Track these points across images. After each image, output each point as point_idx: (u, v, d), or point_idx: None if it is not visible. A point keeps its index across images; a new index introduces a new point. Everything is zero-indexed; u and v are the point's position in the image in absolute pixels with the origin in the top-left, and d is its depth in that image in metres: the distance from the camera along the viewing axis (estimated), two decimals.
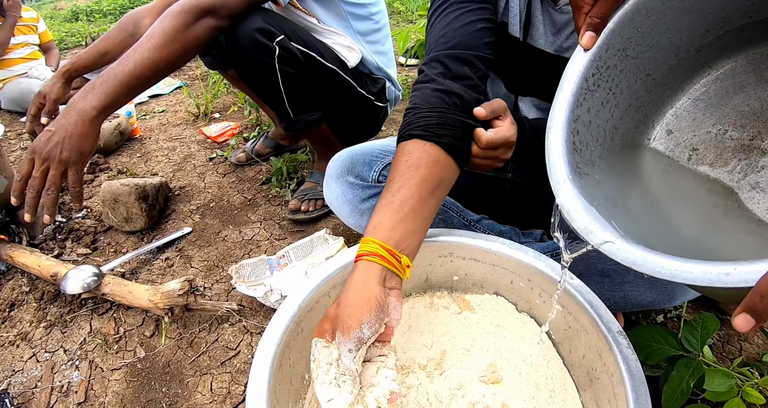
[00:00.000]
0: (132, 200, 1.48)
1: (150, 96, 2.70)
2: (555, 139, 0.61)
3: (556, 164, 0.59)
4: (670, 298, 0.90)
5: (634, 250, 0.48)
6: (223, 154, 1.95)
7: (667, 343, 0.95)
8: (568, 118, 0.61)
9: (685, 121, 0.71)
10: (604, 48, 0.61)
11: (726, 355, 1.11)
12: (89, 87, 1.03)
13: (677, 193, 0.68)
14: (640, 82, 0.67)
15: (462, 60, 0.82)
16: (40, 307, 1.27)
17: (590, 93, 0.63)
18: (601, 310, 0.76)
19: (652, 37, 0.62)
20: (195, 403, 1.03)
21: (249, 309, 1.23)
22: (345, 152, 1.05)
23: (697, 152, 0.71)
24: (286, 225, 1.55)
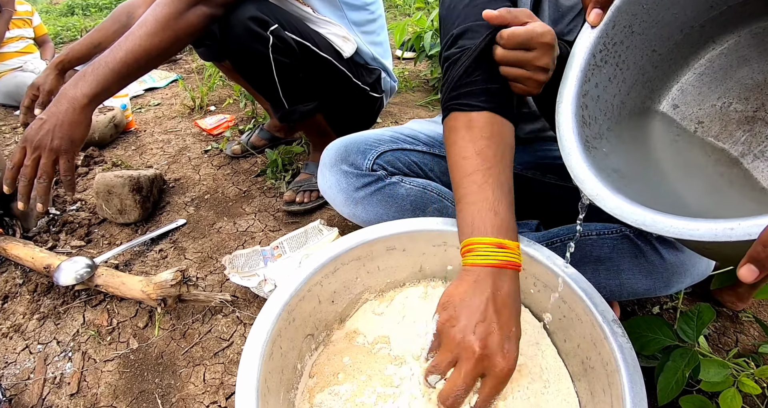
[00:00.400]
0: (126, 192, 1.47)
1: (145, 89, 2.68)
2: (565, 112, 0.63)
3: (566, 136, 0.61)
4: (665, 285, 0.90)
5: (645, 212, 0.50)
6: (218, 147, 1.93)
7: (663, 334, 0.94)
8: (577, 93, 0.63)
9: (691, 95, 0.73)
10: (611, 24, 0.63)
11: (722, 347, 1.11)
12: (80, 75, 1.02)
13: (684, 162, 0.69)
14: (646, 58, 0.68)
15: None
16: (33, 299, 1.26)
17: (598, 68, 0.65)
18: (596, 299, 0.76)
19: (657, 13, 0.64)
20: (187, 393, 1.02)
21: (242, 300, 1.22)
22: (339, 141, 1.04)
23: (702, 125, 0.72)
24: (280, 216, 1.55)
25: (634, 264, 0.89)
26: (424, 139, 1.14)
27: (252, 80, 1.33)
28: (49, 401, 1.03)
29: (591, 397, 0.77)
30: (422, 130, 1.17)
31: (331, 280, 0.84)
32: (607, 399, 0.70)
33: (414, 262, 0.93)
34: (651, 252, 0.88)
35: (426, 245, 0.90)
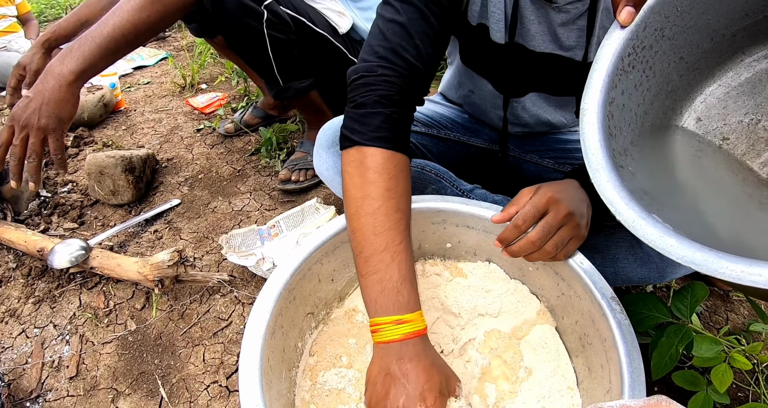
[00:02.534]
0: (118, 172, 1.44)
1: (134, 68, 2.63)
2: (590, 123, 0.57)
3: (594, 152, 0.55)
4: (660, 275, 0.90)
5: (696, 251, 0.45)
6: (210, 125, 1.90)
7: (657, 311, 0.96)
8: (604, 100, 0.57)
9: (715, 108, 0.69)
10: (642, 26, 0.58)
11: (713, 325, 1.13)
12: (67, 51, 0.99)
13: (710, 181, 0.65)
14: (673, 66, 0.64)
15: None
16: (27, 283, 1.25)
17: (625, 74, 0.60)
18: (595, 276, 0.76)
19: (690, 18, 0.59)
20: (188, 374, 1.02)
21: (240, 279, 1.22)
22: (336, 121, 1.03)
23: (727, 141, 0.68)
24: (276, 195, 1.53)
25: (630, 253, 0.89)
26: (422, 119, 1.13)
27: (246, 56, 1.30)
28: (49, 385, 1.03)
29: (588, 373, 0.78)
30: (420, 109, 1.16)
31: (331, 258, 0.84)
32: (605, 374, 0.71)
33: (413, 239, 0.92)
34: None
35: (425, 223, 0.89)
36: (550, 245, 0.72)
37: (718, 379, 0.85)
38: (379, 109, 0.74)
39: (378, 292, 0.68)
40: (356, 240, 0.71)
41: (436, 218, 0.89)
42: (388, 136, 0.74)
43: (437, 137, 1.13)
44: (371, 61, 0.76)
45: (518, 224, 0.72)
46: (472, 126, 1.16)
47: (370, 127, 0.74)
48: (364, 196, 0.71)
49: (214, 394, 0.98)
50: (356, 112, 0.75)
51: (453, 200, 0.88)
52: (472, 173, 1.15)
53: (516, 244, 0.73)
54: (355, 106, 0.76)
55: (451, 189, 1.01)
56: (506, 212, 0.75)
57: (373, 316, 0.69)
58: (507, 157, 1.16)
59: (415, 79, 0.77)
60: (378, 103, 0.74)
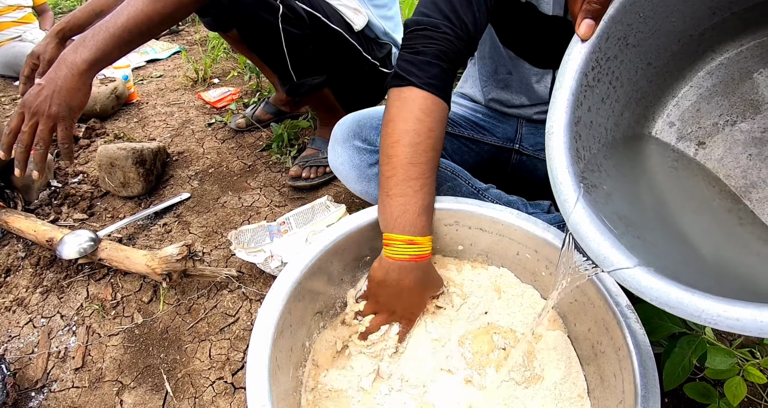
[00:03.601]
0: (129, 164, 1.44)
1: (147, 60, 2.63)
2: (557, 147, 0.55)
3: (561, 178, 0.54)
4: None
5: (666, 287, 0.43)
6: (222, 120, 1.90)
7: (671, 321, 0.94)
8: (569, 121, 0.56)
9: (689, 112, 0.67)
10: (604, 37, 0.56)
11: (726, 337, 1.11)
12: (80, 40, 0.99)
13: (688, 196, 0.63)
14: (641, 72, 0.62)
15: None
16: (36, 273, 1.25)
17: (590, 89, 0.58)
18: (609, 283, 0.75)
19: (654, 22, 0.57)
20: (193, 369, 1.02)
21: (248, 276, 1.21)
22: (352, 116, 1.02)
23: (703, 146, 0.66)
24: (286, 192, 1.53)
25: None
26: None
27: (260, 51, 1.29)
28: (54, 375, 1.03)
29: (600, 382, 0.77)
30: None
31: (342, 257, 0.83)
32: (618, 384, 0.70)
33: None
34: None
35: (437, 224, 0.88)
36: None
37: (731, 392, 0.83)
38: (438, 61, 0.80)
39: (401, 212, 0.75)
40: (391, 164, 0.77)
41: (448, 220, 0.88)
42: (442, 86, 0.80)
43: (451, 135, 1.12)
44: (435, 18, 0.81)
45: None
46: (487, 124, 1.15)
47: (428, 73, 0.79)
48: (408, 130, 0.77)
49: (219, 391, 0.98)
50: (416, 58, 0.80)
51: (466, 201, 0.87)
52: (486, 173, 1.14)
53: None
54: (415, 53, 0.81)
55: (466, 187, 1.00)
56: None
57: (389, 231, 0.76)
58: (521, 155, 1.15)
59: (469, 43, 0.84)
60: (437, 56, 0.80)
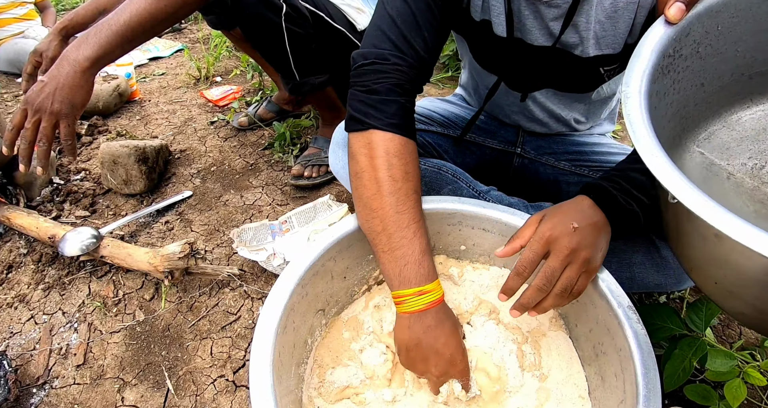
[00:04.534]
0: (131, 162, 1.44)
1: (150, 58, 2.63)
2: (635, 107, 0.52)
3: (642, 134, 0.50)
4: (677, 281, 0.89)
5: None
6: (224, 118, 1.90)
7: (671, 322, 0.94)
8: (648, 90, 0.54)
9: (719, 149, 0.68)
10: (686, 30, 0.56)
11: (725, 339, 1.11)
12: (83, 37, 0.99)
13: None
14: (692, 91, 0.63)
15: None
16: (38, 269, 1.25)
17: (661, 76, 0.57)
18: (612, 285, 0.75)
19: (725, 42, 0.59)
20: (195, 366, 1.02)
21: (250, 274, 1.22)
22: None
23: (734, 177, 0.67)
24: (288, 191, 1.53)
25: (647, 258, 0.87)
26: (439, 120, 1.12)
27: (263, 50, 1.29)
28: (56, 372, 1.03)
29: (601, 382, 0.77)
30: (436, 109, 1.15)
31: (345, 255, 0.83)
32: (620, 384, 0.70)
33: None
34: (665, 248, 0.86)
35: (441, 224, 0.88)
36: (558, 288, 0.67)
37: (731, 394, 0.83)
38: (394, 96, 0.77)
39: (402, 265, 0.73)
40: (378, 218, 0.74)
41: (451, 220, 0.88)
42: (404, 124, 0.77)
43: (453, 137, 1.12)
44: (383, 48, 0.78)
45: (520, 272, 0.69)
46: (488, 127, 1.15)
47: (386, 113, 0.76)
48: (384, 178, 0.74)
49: (220, 389, 0.98)
50: (370, 97, 0.77)
51: (470, 202, 0.87)
52: (488, 176, 1.14)
53: (522, 296, 0.69)
54: (368, 91, 0.78)
55: (468, 190, 1.00)
56: (510, 246, 0.72)
57: (396, 289, 0.74)
58: (523, 158, 1.15)
59: (422, 70, 0.81)
60: (392, 91, 0.77)
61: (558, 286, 0.68)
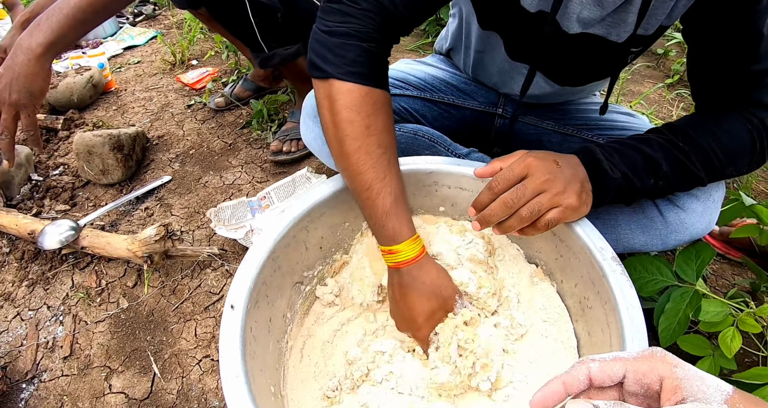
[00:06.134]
0: (107, 151, 1.41)
1: (124, 48, 2.57)
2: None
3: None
4: (662, 242, 0.87)
5: None
6: (201, 101, 1.85)
7: (661, 274, 0.92)
8: None
9: None
10: None
11: (719, 289, 1.09)
12: (35, 24, 0.96)
13: None
14: None
15: None
16: (21, 267, 1.23)
17: None
18: (594, 235, 0.73)
19: None
20: (180, 349, 1.01)
21: (231, 253, 1.20)
22: None
23: None
24: (268, 167, 1.50)
25: (631, 219, 0.85)
26: (414, 82, 1.07)
27: (228, 24, 1.25)
28: (44, 366, 1.02)
29: (588, 338, 0.75)
30: (411, 71, 1.10)
31: (318, 224, 0.81)
32: (606, 338, 0.68)
33: None
34: (650, 208, 0.84)
35: (416, 185, 0.85)
36: (526, 210, 0.67)
37: (725, 344, 0.81)
38: (355, 41, 0.69)
39: (371, 225, 0.73)
40: (347, 177, 0.73)
41: (427, 180, 0.85)
42: (365, 72, 0.70)
43: (431, 101, 1.08)
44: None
45: (492, 186, 0.69)
46: (468, 87, 1.11)
47: (344, 59, 0.69)
48: (343, 136, 0.69)
49: (206, 369, 0.97)
50: (329, 40, 0.69)
51: (444, 161, 0.84)
52: (468, 137, 1.11)
53: (488, 208, 0.69)
54: (328, 33, 0.70)
55: (446, 153, 0.98)
56: (490, 166, 0.73)
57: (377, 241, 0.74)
58: (505, 119, 1.11)
59: (396, 23, 0.73)
60: (353, 36, 0.69)
61: (525, 208, 0.67)
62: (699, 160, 0.71)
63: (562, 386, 0.44)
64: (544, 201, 0.66)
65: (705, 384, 0.38)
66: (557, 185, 0.67)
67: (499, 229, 0.71)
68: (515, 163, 0.69)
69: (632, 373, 0.41)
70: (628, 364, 0.42)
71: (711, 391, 0.38)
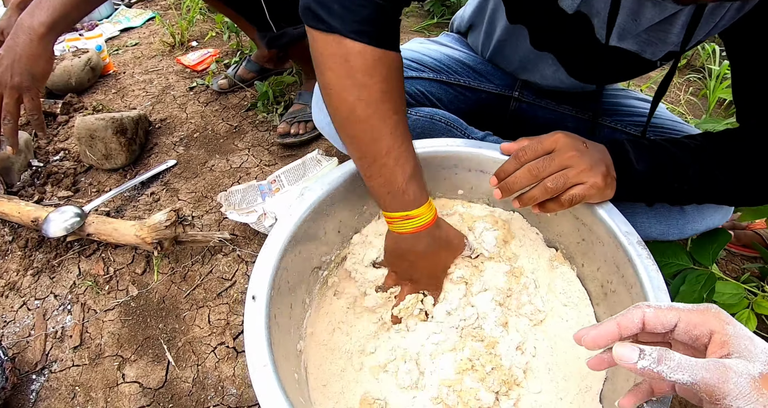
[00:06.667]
0: (109, 135, 1.38)
1: (121, 30, 2.51)
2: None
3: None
4: (680, 231, 0.86)
5: None
6: (203, 83, 1.81)
7: (677, 258, 0.92)
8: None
9: None
10: None
11: (729, 274, 1.09)
12: (35, 3, 0.93)
13: None
14: None
15: None
16: (25, 255, 1.20)
17: None
18: (619, 220, 0.71)
19: None
20: (193, 336, 0.99)
21: (242, 237, 1.18)
22: None
23: None
24: (275, 150, 1.47)
25: (649, 208, 0.84)
26: (430, 64, 1.04)
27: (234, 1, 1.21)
28: (53, 356, 1.00)
29: None
30: (426, 52, 1.06)
31: (337, 208, 0.78)
32: None
33: None
34: None
35: (435, 169, 0.83)
36: (551, 181, 0.66)
37: None
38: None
39: (385, 192, 0.69)
40: (354, 145, 0.68)
41: (447, 163, 0.83)
42: (379, 33, 0.63)
43: (447, 83, 1.05)
44: None
45: (518, 155, 0.68)
46: (485, 69, 1.07)
47: (356, 15, 0.61)
48: (355, 102, 0.64)
49: (221, 356, 0.95)
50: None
51: (464, 143, 0.82)
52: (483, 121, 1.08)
53: (513, 174, 0.68)
54: None
55: (462, 137, 0.95)
56: (517, 142, 0.72)
57: (384, 211, 0.71)
58: (521, 102, 1.08)
59: None
60: None
61: (551, 179, 0.66)
62: (729, 170, 0.69)
63: (616, 327, 0.46)
64: (571, 175, 0.65)
65: (753, 344, 0.40)
66: (584, 162, 0.66)
67: (521, 200, 0.70)
68: (544, 137, 0.68)
69: (684, 323, 0.43)
70: (681, 314, 0.43)
71: (757, 352, 0.39)
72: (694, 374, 0.39)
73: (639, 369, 0.40)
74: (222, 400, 0.90)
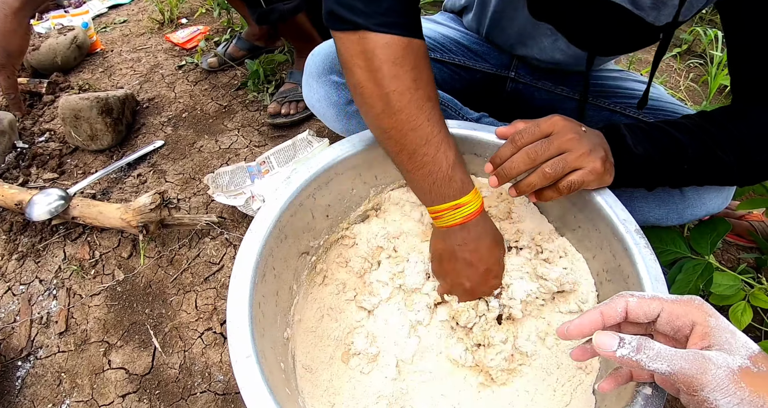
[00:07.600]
0: (94, 115, 1.34)
1: (109, 7, 2.44)
2: None
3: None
4: (679, 216, 0.85)
5: None
6: (193, 61, 1.77)
7: (675, 246, 0.91)
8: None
9: None
10: None
11: (724, 264, 1.08)
12: None
13: None
14: None
15: None
16: (9, 239, 1.17)
17: None
18: (617, 207, 0.68)
19: None
20: (180, 322, 0.97)
21: (230, 221, 1.15)
22: (327, 46, 0.91)
23: None
24: (266, 131, 1.44)
25: (648, 192, 0.82)
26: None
27: None
28: (39, 342, 0.98)
29: None
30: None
31: (325, 192, 0.76)
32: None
33: None
34: None
35: None
36: (549, 166, 0.63)
37: (736, 318, 0.82)
38: None
39: (430, 183, 0.67)
40: (393, 138, 0.66)
41: None
42: (402, 22, 0.63)
43: (441, 61, 1.01)
44: None
45: (515, 139, 0.66)
46: (480, 48, 1.04)
47: (379, 7, 0.62)
48: (388, 93, 0.63)
49: (208, 342, 0.94)
50: None
51: (458, 125, 0.79)
52: (477, 101, 1.05)
53: (510, 159, 0.65)
54: None
55: (456, 118, 0.92)
56: (512, 126, 0.69)
57: (430, 205, 0.69)
58: (517, 83, 1.05)
59: None
60: None
61: (549, 164, 0.63)
62: (729, 147, 0.67)
63: (599, 316, 0.47)
64: (570, 159, 0.63)
65: (735, 337, 0.41)
66: (583, 146, 0.63)
67: (517, 188, 0.67)
68: (541, 120, 0.65)
69: (667, 314, 0.44)
70: (665, 304, 0.44)
71: (738, 346, 0.40)
72: (673, 364, 0.39)
73: (618, 357, 0.41)
74: (209, 386, 0.89)
